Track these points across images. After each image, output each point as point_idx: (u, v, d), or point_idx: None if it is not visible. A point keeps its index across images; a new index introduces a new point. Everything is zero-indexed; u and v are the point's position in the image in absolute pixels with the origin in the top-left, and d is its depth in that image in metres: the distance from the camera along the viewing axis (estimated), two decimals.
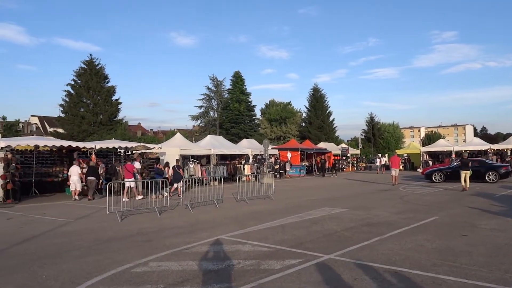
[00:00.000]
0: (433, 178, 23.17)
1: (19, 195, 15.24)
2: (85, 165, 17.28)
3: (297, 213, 11.57)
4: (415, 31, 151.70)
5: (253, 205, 13.58)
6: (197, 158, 24.58)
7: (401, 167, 30.34)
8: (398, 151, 41.01)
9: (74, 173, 16.04)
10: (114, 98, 45.46)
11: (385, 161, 38.89)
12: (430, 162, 35.11)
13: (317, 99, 61.77)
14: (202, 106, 57.70)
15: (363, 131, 76.11)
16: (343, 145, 46.26)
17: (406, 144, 64.07)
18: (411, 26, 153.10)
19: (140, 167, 16.99)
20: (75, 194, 15.91)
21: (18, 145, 16.84)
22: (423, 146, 45.61)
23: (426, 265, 5.83)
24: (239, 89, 55.49)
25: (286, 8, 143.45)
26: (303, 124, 63.76)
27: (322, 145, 41.22)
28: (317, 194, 17.38)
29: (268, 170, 26.80)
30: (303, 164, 34.31)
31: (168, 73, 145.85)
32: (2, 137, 39.36)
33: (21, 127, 61.23)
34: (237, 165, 27.14)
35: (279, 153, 33.20)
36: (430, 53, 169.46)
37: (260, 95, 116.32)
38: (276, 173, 28.66)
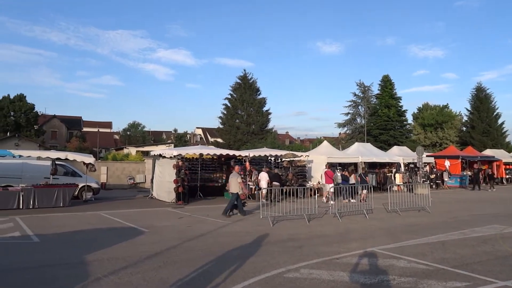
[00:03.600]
0: None
1: (187, 198, 17.41)
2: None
3: (460, 229, 10.34)
4: None
5: (407, 217, 12.67)
6: (344, 166, 24.20)
7: None
8: None
9: (263, 178, 17.97)
10: (264, 109, 48.65)
11: None
12: None
13: (481, 100, 54.31)
14: (348, 113, 56.76)
15: None
16: None
17: None
18: None
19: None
20: (263, 197, 17.58)
21: (187, 153, 19.30)
22: None
23: None
24: (388, 94, 52.67)
25: (440, 2, 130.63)
26: (464, 128, 56.75)
27: (488, 152, 35.94)
28: (483, 209, 15.24)
29: (422, 179, 24.72)
30: (464, 173, 30.51)
31: (314, 82, 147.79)
32: (174, 146, 45.87)
33: (188, 137, 70.38)
34: (387, 174, 25.75)
35: (435, 161, 30.24)
36: None
37: (411, 99, 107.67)
38: (432, 183, 26.18)
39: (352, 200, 15.69)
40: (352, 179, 18.56)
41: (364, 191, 17.11)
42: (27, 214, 13.14)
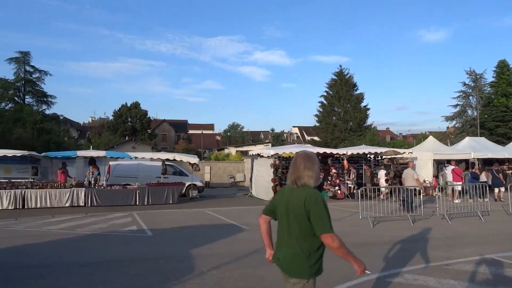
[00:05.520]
0: None
1: None
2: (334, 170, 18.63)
3: None
4: None
5: None
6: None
7: None
8: None
9: (382, 176, 18.45)
10: (362, 104, 46.97)
11: None
12: None
13: None
14: (457, 104, 51.81)
15: None
16: None
17: None
18: None
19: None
20: (383, 195, 16.97)
21: (283, 152, 19.48)
22: None
23: None
24: (505, 81, 46.80)
25: None
26: None
27: None
28: None
29: None
30: None
31: (417, 74, 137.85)
32: (271, 146, 46.78)
33: (285, 137, 71.21)
34: (507, 171, 22.88)
35: None
36: None
37: None
38: None
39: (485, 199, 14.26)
40: (483, 177, 17.12)
41: (497, 189, 16.74)
42: (142, 210, 14.56)
